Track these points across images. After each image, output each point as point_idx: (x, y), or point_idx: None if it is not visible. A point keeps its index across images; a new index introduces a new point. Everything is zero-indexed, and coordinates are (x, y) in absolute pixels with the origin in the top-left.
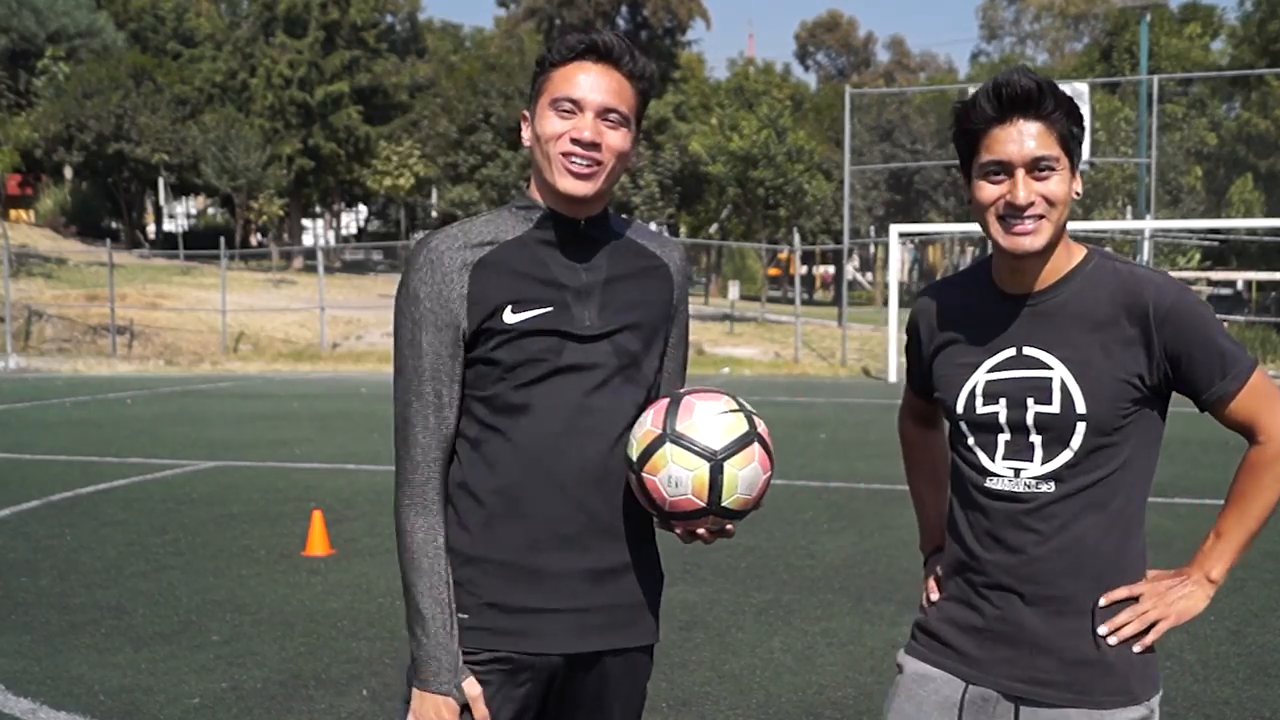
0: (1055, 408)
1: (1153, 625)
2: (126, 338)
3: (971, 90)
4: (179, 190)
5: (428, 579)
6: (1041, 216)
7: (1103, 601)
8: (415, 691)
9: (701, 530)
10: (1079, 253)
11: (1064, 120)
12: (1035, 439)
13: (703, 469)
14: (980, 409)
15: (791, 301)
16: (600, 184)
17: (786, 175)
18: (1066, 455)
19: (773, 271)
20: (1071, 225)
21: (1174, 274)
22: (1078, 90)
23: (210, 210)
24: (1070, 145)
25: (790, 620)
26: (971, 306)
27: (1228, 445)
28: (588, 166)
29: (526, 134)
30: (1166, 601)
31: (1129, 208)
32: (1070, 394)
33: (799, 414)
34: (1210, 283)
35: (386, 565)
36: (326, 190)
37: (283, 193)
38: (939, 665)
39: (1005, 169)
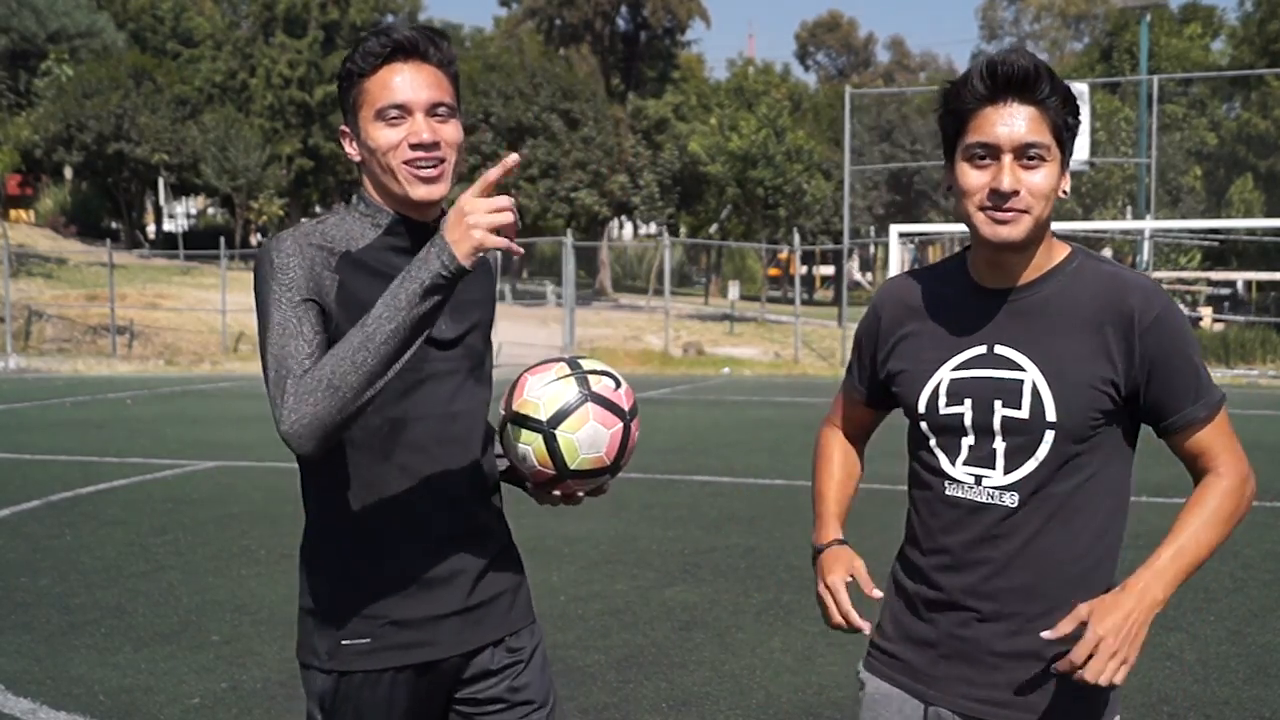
0: (1024, 413)
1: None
2: (126, 338)
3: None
4: (179, 190)
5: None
6: (1024, 211)
7: (1047, 634)
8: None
9: (573, 491)
10: (1061, 251)
11: (1059, 109)
12: (999, 445)
13: (538, 440)
14: (944, 409)
15: (791, 301)
16: (448, 182)
17: (785, 175)
18: (1031, 465)
19: (773, 272)
20: (1071, 225)
21: (1174, 274)
22: (1078, 90)
23: (210, 210)
24: (1063, 137)
25: (790, 620)
26: (943, 298)
27: None
28: (434, 167)
29: (352, 149)
30: (1124, 636)
31: (1129, 208)
32: (1041, 399)
33: (799, 414)
34: (1210, 283)
35: None
36: (326, 190)
37: (283, 193)
38: (898, 684)
39: (992, 152)
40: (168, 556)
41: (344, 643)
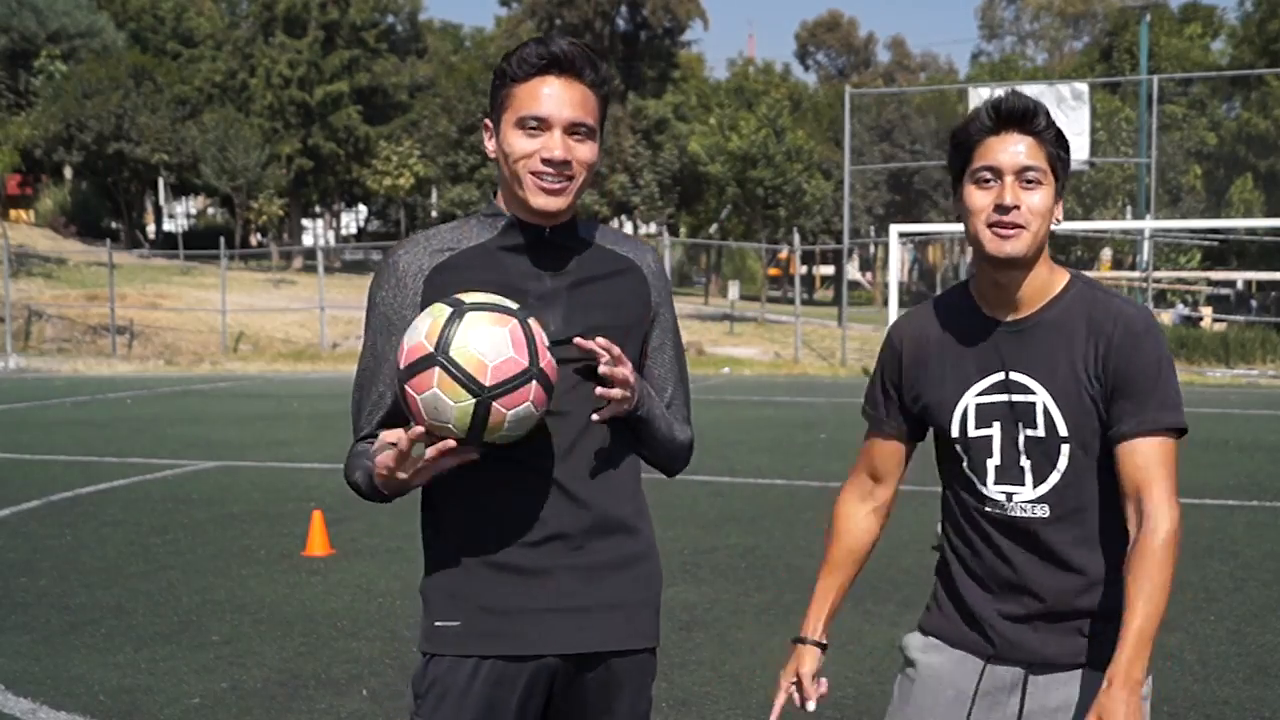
0: (1041, 431)
1: None
2: (126, 338)
3: (971, 90)
4: (179, 190)
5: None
6: (1023, 226)
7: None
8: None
9: (444, 451)
10: (1062, 278)
11: (1052, 142)
12: (1025, 463)
13: (468, 404)
14: (973, 432)
15: (791, 301)
16: (572, 197)
17: (785, 175)
18: (1054, 478)
19: (773, 271)
20: (1072, 225)
21: (1174, 274)
22: (1078, 90)
23: (210, 210)
24: (1056, 167)
25: (790, 620)
26: (958, 330)
27: (1227, 445)
28: (560, 183)
29: (490, 146)
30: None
31: (1129, 208)
32: (1053, 417)
33: (799, 414)
34: (1210, 283)
35: (386, 565)
36: (326, 190)
37: (282, 193)
38: (961, 647)
39: (996, 174)
40: (168, 556)
41: (437, 624)
